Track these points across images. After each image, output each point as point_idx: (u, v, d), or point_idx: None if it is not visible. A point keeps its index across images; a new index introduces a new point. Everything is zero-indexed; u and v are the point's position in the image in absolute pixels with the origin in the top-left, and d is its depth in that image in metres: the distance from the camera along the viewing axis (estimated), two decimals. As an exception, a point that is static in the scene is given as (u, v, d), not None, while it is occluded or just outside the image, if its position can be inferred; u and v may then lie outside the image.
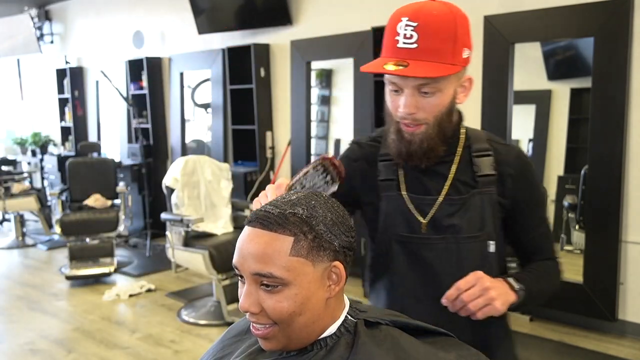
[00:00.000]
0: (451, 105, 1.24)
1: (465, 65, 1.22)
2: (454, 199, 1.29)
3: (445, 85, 1.20)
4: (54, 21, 7.90)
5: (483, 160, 1.29)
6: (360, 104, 4.59)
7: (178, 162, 4.32)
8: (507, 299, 1.19)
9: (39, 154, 8.00)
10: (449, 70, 1.18)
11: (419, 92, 1.20)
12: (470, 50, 1.23)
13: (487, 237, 1.29)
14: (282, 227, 0.93)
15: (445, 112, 1.24)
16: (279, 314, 0.94)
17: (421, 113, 1.22)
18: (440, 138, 1.25)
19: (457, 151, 1.31)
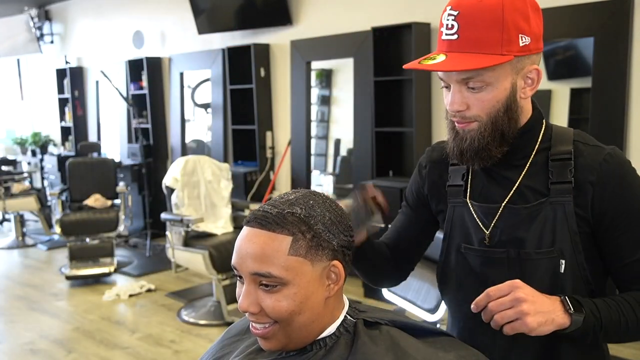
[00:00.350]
0: (509, 100, 1.08)
1: (523, 54, 1.06)
2: (518, 208, 1.13)
3: (497, 79, 1.06)
4: (54, 21, 7.90)
5: (560, 164, 1.11)
6: (360, 104, 4.59)
7: (178, 162, 4.32)
8: (547, 319, 0.99)
9: (39, 154, 8.00)
10: (493, 60, 1.04)
11: (466, 88, 1.08)
12: (532, 36, 1.06)
13: (558, 254, 1.09)
14: (281, 226, 0.93)
15: (502, 109, 1.08)
16: (278, 314, 0.94)
17: (471, 110, 1.09)
18: (496, 137, 1.10)
19: (531, 154, 1.14)
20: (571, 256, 1.10)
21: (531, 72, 1.09)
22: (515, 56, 1.05)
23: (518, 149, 1.14)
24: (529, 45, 1.06)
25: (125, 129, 6.84)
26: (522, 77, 1.09)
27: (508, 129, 1.10)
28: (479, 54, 1.04)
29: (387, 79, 4.29)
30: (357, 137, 4.65)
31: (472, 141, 1.11)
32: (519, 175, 1.14)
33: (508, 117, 1.10)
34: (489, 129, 1.10)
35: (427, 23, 4.11)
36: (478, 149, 1.11)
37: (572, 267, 1.10)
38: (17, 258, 6.00)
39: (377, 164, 4.40)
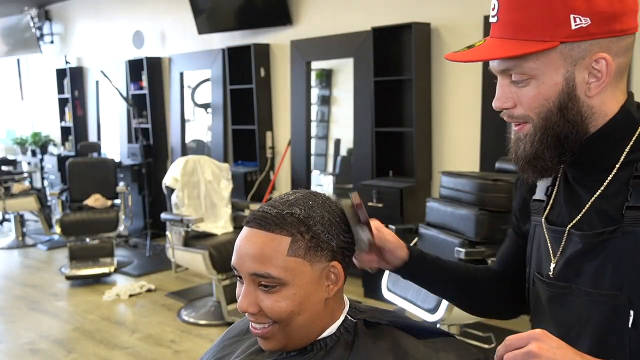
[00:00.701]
0: (563, 98, 0.88)
1: (578, 39, 0.85)
2: (580, 235, 0.92)
3: (542, 71, 0.87)
4: (54, 21, 7.90)
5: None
6: (360, 104, 4.59)
7: (178, 162, 4.32)
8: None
9: (39, 154, 8.00)
10: (529, 47, 0.85)
11: (510, 81, 0.91)
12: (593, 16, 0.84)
13: (626, 302, 0.85)
14: (280, 227, 0.94)
15: (555, 109, 0.88)
16: (278, 314, 0.94)
17: (519, 108, 0.91)
18: (549, 144, 0.90)
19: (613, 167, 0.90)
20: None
21: (597, 62, 0.86)
22: (561, 42, 0.85)
23: (595, 159, 0.91)
24: (587, 27, 0.84)
25: (125, 129, 6.84)
26: (583, 68, 0.86)
27: (568, 134, 0.89)
28: (515, 40, 0.87)
29: (387, 79, 4.29)
30: (357, 137, 4.65)
31: (525, 147, 0.92)
32: (594, 193, 0.91)
33: (565, 120, 0.88)
34: (539, 133, 0.90)
35: (427, 23, 4.11)
36: (529, 157, 0.92)
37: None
38: (17, 258, 6.00)
39: (377, 164, 4.40)
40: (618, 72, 0.88)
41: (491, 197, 2.91)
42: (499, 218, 2.88)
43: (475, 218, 2.88)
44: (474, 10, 3.82)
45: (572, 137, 0.89)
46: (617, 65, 0.87)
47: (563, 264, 0.95)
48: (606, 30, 0.85)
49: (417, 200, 4.04)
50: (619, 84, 0.90)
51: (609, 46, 0.86)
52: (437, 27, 4.12)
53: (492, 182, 2.94)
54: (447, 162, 4.20)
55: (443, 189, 3.25)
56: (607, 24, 0.85)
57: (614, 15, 0.85)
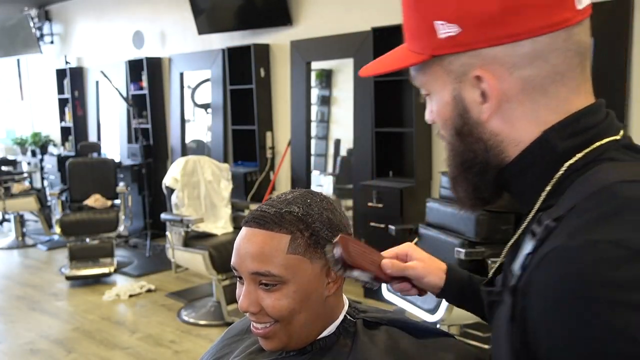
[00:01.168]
0: (457, 121, 0.72)
1: (450, 50, 0.68)
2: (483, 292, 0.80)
3: (432, 87, 0.73)
4: (54, 21, 7.90)
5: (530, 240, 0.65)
6: (360, 104, 4.59)
7: (178, 162, 4.32)
8: None
9: (39, 154, 8.00)
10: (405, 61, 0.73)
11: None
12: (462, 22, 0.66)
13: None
14: (279, 225, 0.94)
15: (454, 132, 0.73)
16: (279, 312, 0.94)
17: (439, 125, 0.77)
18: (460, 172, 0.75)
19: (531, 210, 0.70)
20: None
21: (479, 79, 0.67)
22: (433, 56, 0.70)
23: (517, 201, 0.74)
24: (457, 36, 0.66)
25: (125, 129, 6.84)
26: (470, 85, 0.69)
27: (471, 165, 0.72)
28: (406, 50, 0.75)
29: (387, 79, 4.30)
30: (357, 137, 4.65)
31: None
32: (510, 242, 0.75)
33: (465, 148, 0.72)
34: (451, 156, 0.75)
35: (427, 23, 4.10)
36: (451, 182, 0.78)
37: None
38: (17, 258, 6.00)
39: (377, 164, 4.41)
40: (529, 88, 0.67)
41: (491, 197, 2.91)
42: (499, 218, 2.88)
43: (475, 218, 2.88)
44: (474, 10, 3.81)
45: (477, 168, 0.72)
46: (519, 80, 0.67)
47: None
48: (484, 39, 0.66)
49: (417, 200, 4.04)
50: (540, 101, 0.68)
51: (496, 58, 0.66)
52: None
53: (492, 182, 2.94)
54: (447, 162, 4.19)
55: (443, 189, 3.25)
56: (482, 31, 0.65)
57: (492, 17, 0.65)
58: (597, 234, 0.56)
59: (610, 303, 0.52)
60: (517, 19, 0.64)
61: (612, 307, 0.52)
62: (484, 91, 0.68)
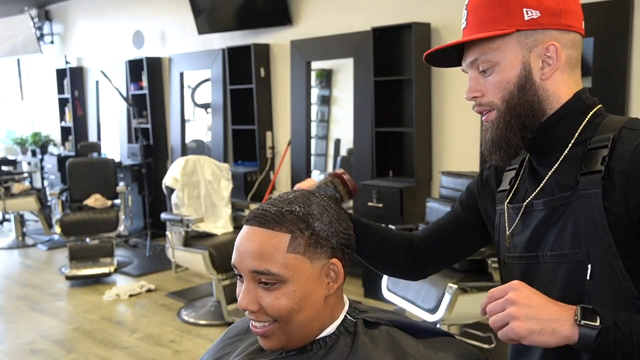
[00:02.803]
0: (522, 81, 1.00)
1: (530, 27, 0.99)
2: (544, 202, 1.01)
3: (503, 56, 1.00)
4: (54, 21, 7.90)
5: (594, 153, 0.96)
6: (360, 104, 4.59)
7: (178, 162, 4.32)
8: (543, 327, 0.85)
9: (39, 154, 8.00)
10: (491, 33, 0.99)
11: (478, 72, 1.04)
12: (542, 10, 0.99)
13: (584, 257, 0.94)
14: (279, 224, 0.94)
15: (515, 90, 1.00)
16: (278, 311, 0.94)
17: (486, 96, 1.04)
18: (513, 125, 1.01)
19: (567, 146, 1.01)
20: (603, 261, 0.92)
21: (548, 49, 0.99)
22: (517, 30, 0.99)
23: (551, 139, 1.02)
24: (538, 19, 0.98)
25: (125, 129, 6.84)
26: (537, 55, 1.00)
27: (528, 113, 1.01)
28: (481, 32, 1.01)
29: (387, 79, 4.29)
30: (357, 137, 4.65)
31: (492, 131, 1.04)
32: (550, 169, 1.02)
33: (525, 100, 1.00)
34: (503, 115, 1.02)
35: (427, 23, 4.11)
36: (496, 139, 1.03)
37: (604, 275, 0.92)
38: (17, 258, 6.00)
39: (377, 164, 4.41)
40: (569, 63, 1.02)
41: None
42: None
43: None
44: (474, 10, 3.81)
45: (532, 115, 1.01)
46: (566, 55, 1.01)
47: (528, 236, 1.03)
48: (554, 23, 0.99)
49: (417, 200, 4.04)
50: (571, 74, 1.03)
51: (558, 37, 1.00)
52: (437, 27, 4.12)
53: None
54: (447, 162, 4.20)
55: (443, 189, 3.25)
56: (554, 18, 0.99)
57: (560, 11, 0.99)
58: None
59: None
60: (570, 17, 1.01)
61: None
62: (551, 57, 1.00)
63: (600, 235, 0.92)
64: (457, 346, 1.02)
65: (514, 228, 1.07)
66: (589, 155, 0.96)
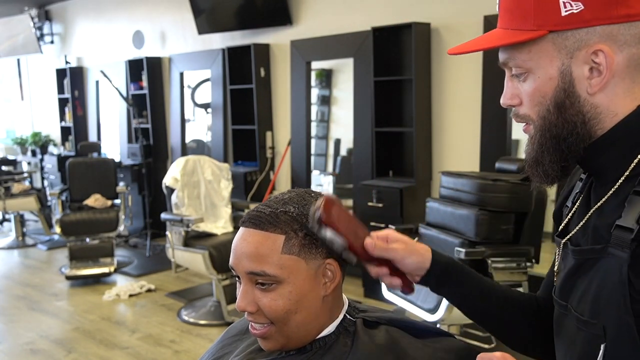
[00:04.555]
0: (560, 94, 0.78)
1: (568, 27, 0.75)
2: (574, 251, 0.82)
3: (536, 63, 0.78)
4: (54, 21, 7.90)
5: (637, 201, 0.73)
6: (360, 104, 4.59)
7: (178, 162, 4.32)
8: None
9: (39, 154, 8.00)
10: (516, 37, 0.77)
11: (512, 75, 0.83)
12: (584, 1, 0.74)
13: (600, 332, 0.75)
14: (274, 225, 0.94)
15: (553, 109, 0.78)
16: (275, 312, 0.94)
17: (523, 107, 0.82)
18: (548, 147, 0.80)
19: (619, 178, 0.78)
20: (619, 341, 0.73)
21: (596, 54, 0.75)
22: (550, 31, 0.75)
23: (604, 166, 0.80)
24: (580, 13, 0.74)
25: (125, 129, 6.84)
26: (581, 61, 0.76)
27: (567, 135, 0.78)
28: (508, 30, 0.80)
29: (387, 79, 4.29)
30: (357, 137, 4.65)
31: (529, 150, 0.83)
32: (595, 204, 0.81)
33: (564, 120, 0.78)
34: (538, 135, 0.81)
35: (427, 23, 4.10)
36: (531, 162, 0.83)
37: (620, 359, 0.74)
38: (17, 258, 6.00)
39: (377, 164, 4.40)
40: (632, 65, 0.76)
41: (491, 197, 2.91)
42: (499, 218, 2.88)
43: (475, 218, 2.88)
44: (474, 10, 3.82)
45: (572, 139, 0.78)
46: (626, 57, 0.75)
47: (561, 281, 0.86)
48: (605, 17, 0.73)
49: (417, 200, 4.04)
50: (636, 79, 0.77)
51: (611, 35, 0.74)
52: (437, 27, 4.12)
53: (492, 182, 2.94)
54: (447, 162, 4.20)
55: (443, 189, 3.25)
56: (605, 9, 0.73)
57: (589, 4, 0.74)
58: None
59: None
60: (635, 1, 0.73)
61: None
62: (598, 65, 0.75)
63: (620, 310, 0.73)
64: (457, 346, 1.02)
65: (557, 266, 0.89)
66: (633, 202, 0.73)
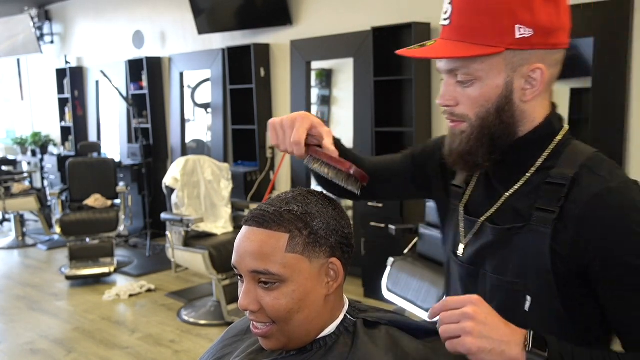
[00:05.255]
0: (502, 101, 0.95)
1: (520, 47, 0.92)
2: (491, 228, 1.02)
3: (487, 73, 0.94)
4: (54, 21, 7.90)
5: (552, 189, 0.94)
6: (360, 104, 4.59)
7: (178, 162, 4.32)
8: (493, 347, 0.86)
9: (39, 154, 8.00)
10: (476, 51, 0.92)
11: (456, 81, 0.98)
12: (535, 29, 0.92)
13: (523, 288, 0.96)
14: (277, 224, 0.94)
15: (493, 110, 0.96)
16: (277, 312, 0.94)
17: (460, 107, 0.99)
18: (484, 143, 0.98)
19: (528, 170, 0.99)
20: (542, 296, 0.95)
21: (534, 71, 0.94)
22: (507, 49, 0.92)
23: (516, 161, 1.01)
24: (529, 38, 0.92)
25: (125, 129, 6.84)
26: (521, 75, 0.95)
27: (501, 135, 0.97)
28: (465, 44, 0.94)
29: (387, 79, 4.30)
30: (357, 137, 4.65)
31: (460, 143, 1.00)
32: (509, 191, 1.01)
33: (500, 121, 0.96)
34: (476, 132, 0.98)
35: (427, 23, 4.11)
36: (463, 153, 1.00)
37: (541, 310, 0.95)
38: (17, 258, 6.00)
39: (377, 164, 4.40)
40: (549, 83, 0.98)
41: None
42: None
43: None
44: (474, 10, 3.81)
45: (504, 137, 0.98)
46: (549, 76, 0.97)
47: (474, 251, 1.05)
48: (544, 42, 0.94)
49: (417, 200, 4.04)
50: (546, 94, 0.99)
51: (544, 57, 0.95)
52: (437, 27, 4.10)
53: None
54: (447, 162, 4.20)
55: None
56: (546, 37, 0.93)
57: (552, 29, 0.94)
58: (619, 178, 0.92)
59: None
60: (561, 34, 0.95)
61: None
62: (535, 80, 0.95)
63: (541, 272, 0.94)
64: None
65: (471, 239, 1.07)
66: (547, 190, 0.95)
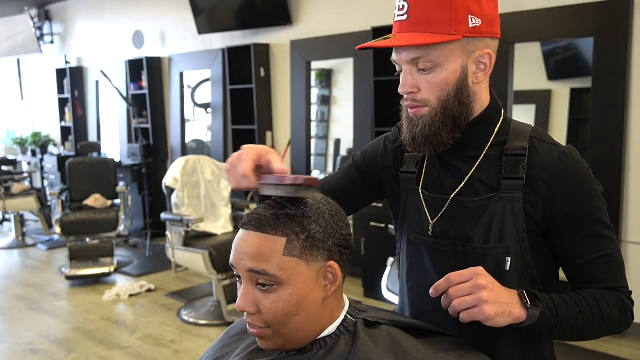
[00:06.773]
0: (460, 84, 1.07)
1: (474, 35, 1.04)
2: (466, 201, 1.11)
3: (446, 59, 1.05)
4: (54, 21, 7.90)
5: (513, 160, 1.08)
6: (360, 104, 4.59)
7: (178, 162, 4.32)
8: (504, 310, 0.98)
9: (39, 154, 8.00)
10: (440, 38, 1.02)
11: (416, 69, 1.07)
12: (483, 19, 1.05)
13: (504, 251, 1.08)
14: (275, 228, 0.94)
15: (453, 92, 1.07)
16: (275, 315, 0.94)
17: (422, 93, 1.08)
18: (447, 123, 1.08)
19: (485, 146, 1.12)
20: (517, 254, 1.08)
21: (483, 56, 1.07)
22: (464, 36, 1.03)
23: (472, 139, 1.12)
24: (479, 27, 1.04)
25: (125, 129, 6.84)
26: (473, 60, 1.07)
27: (460, 114, 1.09)
28: (426, 34, 1.03)
29: (387, 79, 4.29)
30: (357, 137, 4.65)
31: (424, 126, 1.09)
32: (472, 167, 1.12)
33: (459, 102, 1.08)
34: (439, 114, 1.08)
35: (427, 23, 4.10)
36: (429, 135, 1.09)
37: (517, 266, 1.09)
38: (17, 258, 6.00)
39: (377, 164, 4.40)
40: (490, 68, 1.10)
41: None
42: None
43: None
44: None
45: (464, 117, 1.09)
46: (492, 61, 1.09)
47: (446, 225, 1.13)
48: (490, 31, 1.07)
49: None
50: (488, 79, 1.12)
51: (490, 44, 1.08)
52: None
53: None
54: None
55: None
56: (491, 26, 1.07)
57: (493, 20, 1.07)
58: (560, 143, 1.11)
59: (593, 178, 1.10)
60: (497, 24, 1.09)
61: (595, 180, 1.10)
62: (485, 64, 1.08)
63: (518, 232, 1.08)
64: (457, 346, 1.02)
65: (441, 215, 1.15)
66: (509, 162, 1.09)
